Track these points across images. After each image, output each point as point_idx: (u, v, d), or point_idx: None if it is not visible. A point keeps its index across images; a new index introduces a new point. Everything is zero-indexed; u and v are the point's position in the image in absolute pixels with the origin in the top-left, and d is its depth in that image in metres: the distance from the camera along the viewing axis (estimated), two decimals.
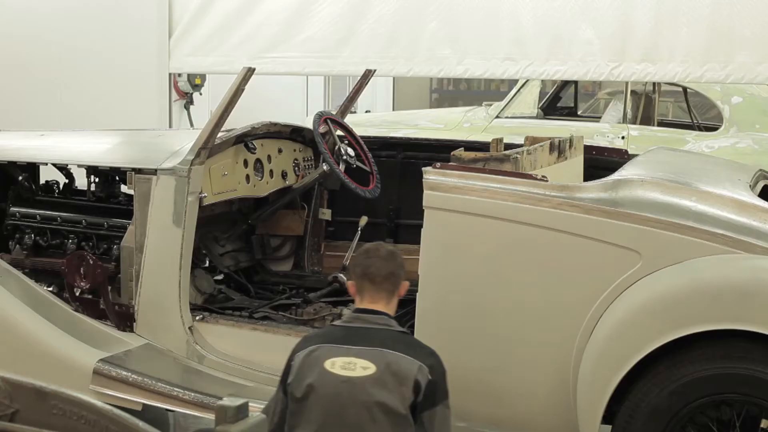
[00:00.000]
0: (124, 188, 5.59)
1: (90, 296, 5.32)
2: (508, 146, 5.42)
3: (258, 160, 5.76)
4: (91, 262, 5.22)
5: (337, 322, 3.95)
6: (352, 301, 5.62)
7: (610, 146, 7.34)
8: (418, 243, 4.45)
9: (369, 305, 3.85)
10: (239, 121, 5.65)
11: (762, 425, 3.88)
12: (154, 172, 5.07)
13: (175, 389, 4.72)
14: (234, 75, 5.13)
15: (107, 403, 2.05)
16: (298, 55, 8.44)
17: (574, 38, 7.60)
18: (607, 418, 4.05)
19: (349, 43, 8.20)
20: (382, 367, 3.62)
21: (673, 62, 7.41)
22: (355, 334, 3.76)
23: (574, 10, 7.58)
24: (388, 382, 3.60)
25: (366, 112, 13.88)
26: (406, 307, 5.38)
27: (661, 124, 9.95)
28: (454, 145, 5.82)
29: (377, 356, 3.65)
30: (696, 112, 10.32)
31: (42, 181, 5.98)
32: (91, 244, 5.48)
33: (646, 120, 9.60)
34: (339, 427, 3.60)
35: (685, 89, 9.86)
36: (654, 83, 9.61)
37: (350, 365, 3.64)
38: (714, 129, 9.32)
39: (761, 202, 4.28)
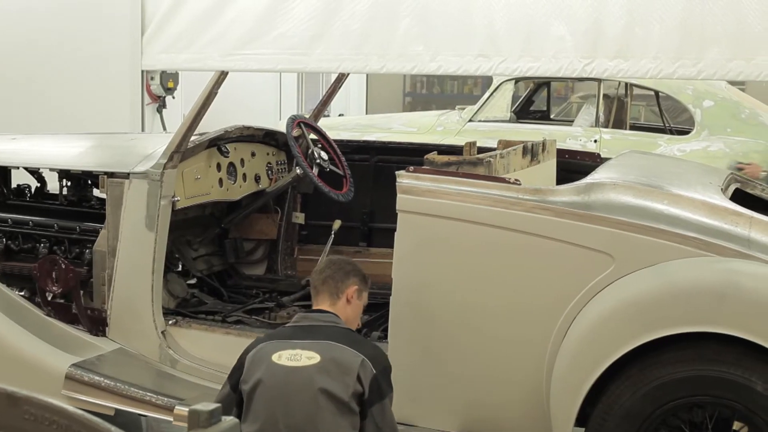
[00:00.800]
0: (96, 192, 5.57)
1: (62, 301, 5.30)
2: (482, 150, 5.42)
3: (231, 164, 5.75)
4: (63, 267, 5.20)
5: (288, 323, 4.13)
6: None
7: (582, 150, 7.36)
8: (392, 247, 4.46)
9: (315, 307, 4.09)
10: (212, 124, 5.64)
11: (734, 427, 3.90)
12: (127, 175, 5.06)
13: (148, 394, 4.70)
14: (206, 72, 5.12)
15: (80, 408, 2.03)
16: (270, 52, 8.42)
17: (546, 35, 7.61)
18: (580, 421, 4.06)
19: (322, 40, 8.18)
20: (327, 357, 3.79)
21: (646, 59, 7.42)
22: (301, 330, 3.96)
23: (547, 7, 7.59)
24: (331, 371, 3.77)
25: (339, 115, 13.87)
26: (380, 311, 5.40)
27: (634, 127, 9.99)
28: (427, 148, 5.82)
29: (323, 347, 3.82)
30: (668, 116, 10.37)
31: (14, 184, 5.94)
32: (63, 248, 5.45)
33: (619, 123, 9.64)
34: (285, 415, 3.75)
35: (657, 93, 9.91)
36: (626, 87, 9.66)
37: (296, 356, 3.82)
38: (686, 132, 9.37)
39: (733, 205, 4.30)
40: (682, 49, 7.33)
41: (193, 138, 5.19)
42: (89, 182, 5.64)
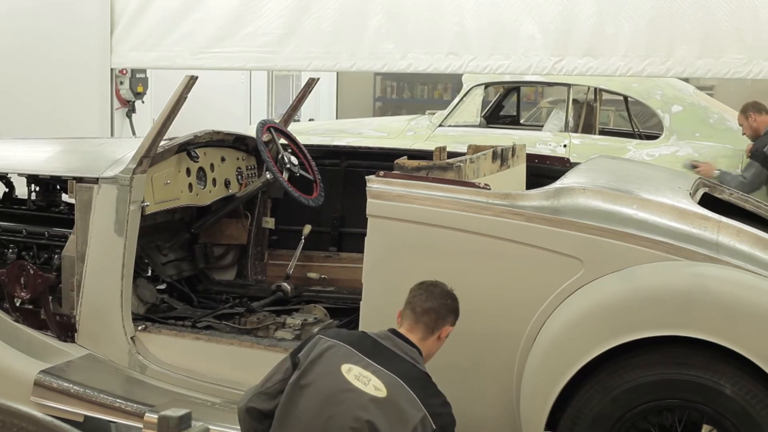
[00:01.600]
0: (65, 197, 5.54)
1: (30, 306, 5.27)
2: (451, 155, 5.43)
3: (201, 169, 5.73)
4: (32, 272, 5.17)
5: (370, 333, 3.85)
6: (297, 310, 5.66)
7: (552, 155, 7.39)
8: (362, 251, 4.46)
9: (405, 333, 3.84)
10: (182, 129, 5.63)
11: (703, 430, 3.93)
12: (96, 180, 5.03)
13: (117, 400, 4.68)
14: (176, 77, 5.10)
15: (48, 415, 2.02)
16: (241, 50, 8.42)
17: (517, 33, 7.65)
18: (550, 425, 4.07)
19: (292, 38, 8.18)
20: (393, 397, 3.56)
21: (615, 57, 7.48)
22: (381, 352, 3.72)
23: (517, 5, 7.63)
24: (390, 413, 3.55)
25: (309, 120, 13.86)
26: (350, 315, 5.40)
27: (603, 132, 10.03)
28: (397, 153, 5.83)
29: (394, 385, 3.59)
30: (637, 121, 10.41)
31: None
32: (31, 253, 5.41)
33: (588, 128, 9.67)
34: (321, 429, 3.57)
35: (626, 98, 9.95)
36: (595, 92, 9.69)
37: (365, 379, 3.60)
38: (655, 137, 9.41)
39: (701, 210, 4.33)
40: (651, 47, 7.40)
41: (162, 143, 5.17)
42: (58, 187, 5.62)
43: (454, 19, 7.76)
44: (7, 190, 5.91)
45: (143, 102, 11.79)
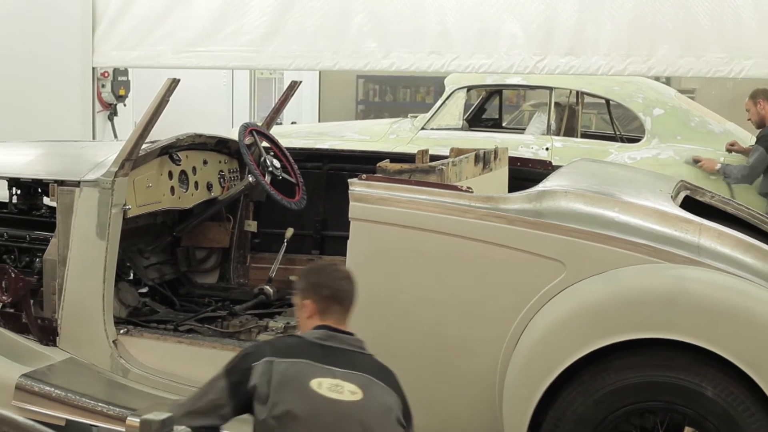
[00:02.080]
0: (46, 200, 5.52)
1: (12, 310, 5.24)
2: (434, 158, 5.44)
3: (183, 172, 5.72)
4: (13, 276, 5.15)
5: (307, 337, 3.67)
6: (279, 314, 5.65)
7: (534, 157, 7.40)
8: (345, 255, 4.45)
9: (338, 325, 3.68)
10: (164, 132, 5.61)
11: None
12: (78, 184, 5.02)
13: (99, 404, 4.67)
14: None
15: (30, 419, 2.02)
16: (223, 49, 8.41)
17: (499, 32, 7.66)
18: (532, 428, 4.07)
19: (275, 37, 8.17)
20: (369, 395, 3.51)
21: (597, 55, 7.50)
22: (333, 354, 3.60)
23: (500, 4, 7.64)
24: (374, 410, 3.50)
25: (292, 123, 13.85)
26: None
27: (585, 135, 10.04)
28: (379, 156, 5.82)
29: (364, 383, 3.52)
30: (618, 124, 10.43)
31: None
32: (12, 257, 5.40)
33: (570, 131, 9.69)
34: None
35: (607, 101, 9.96)
36: (577, 95, 9.71)
37: (338, 388, 3.50)
38: (636, 140, 9.43)
39: (682, 213, 4.35)
40: (633, 46, 7.43)
41: (144, 146, 5.16)
42: (39, 190, 5.59)
43: (436, 18, 7.76)
44: None
45: (125, 105, 11.75)
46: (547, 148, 9.29)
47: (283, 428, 3.45)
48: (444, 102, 9.92)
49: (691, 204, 5.02)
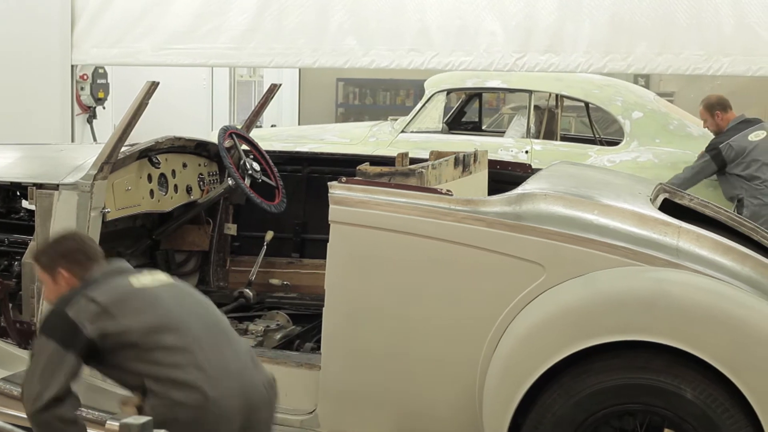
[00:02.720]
0: (25, 203, 5.50)
1: None
2: (414, 161, 5.44)
3: (162, 175, 5.71)
4: None
5: (94, 274, 3.71)
6: (259, 316, 5.65)
7: (513, 161, 7.41)
8: (325, 257, 4.45)
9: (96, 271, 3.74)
10: (143, 135, 5.60)
11: None
12: (56, 187, 5.00)
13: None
14: (138, 67, 5.08)
15: (9, 423, 2.01)
16: (203, 46, 8.39)
17: (479, 29, 7.67)
18: (512, 430, 4.08)
19: (254, 35, 8.16)
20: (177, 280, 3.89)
21: (576, 53, 7.52)
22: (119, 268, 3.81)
23: (479, 2, 7.65)
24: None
25: (272, 126, 13.81)
26: (313, 322, 5.39)
27: (564, 138, 10.05)
28: (359, 159, 5.82)
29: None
30: (598, 127, 10.46)
31: None
32: None
33: (549, 135, 9.70)
34: (198, 319, 3.67)
35: (587, 104, 9.98)
36: (557, 98, 9.73)
37: (155, 276, 3.76)
38: (615, 143, 9.45)
39: (661, 215, 4.36)
40: (612, 44, 7.46)
41: (123, 149, 5.14)
42: (18, 194, 5.57)
43: (416, 16, 7.77)
44: None
45: (104, 108, 11.73)
46: (526, 151, 9.30)
47: (147, 330, 3.53)
48: (424, 105, 9.93)
49: (669, 207, 5.04)
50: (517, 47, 7.63)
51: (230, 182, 5.76)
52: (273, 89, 6.53)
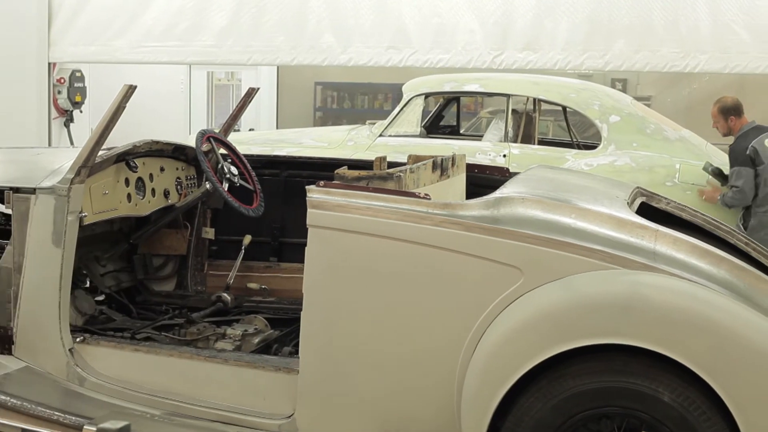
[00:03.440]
0: (1, 207, 5.48)
1: None
2: (392, 164, 5.45)
3: (140, 179, 5.69)
4: None
5: None
6: (237, 321, 5.64)
7: (491, 164, 7.43)
8: (303, 261, 4.45)
9: None
10: (121, 138, 5.59)
11: None
12: (33, 191, 4.98)
13: (56, 413, 4.63)
14: (116, 64, 5.09)
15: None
16: (181, 44, 8.38)
17: (457, 27, 7.69)
18: None
19: (232, 32, 8.16)
20: None
21: (554, 50, 7.56)
22: None
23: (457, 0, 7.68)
24: None
25: (250, 130, 13.82)
26: (291, 326, 5.39)
27: (542, 142, 10.09)
28: (337, 163, 5.83)
29: None
30: (575, 131, 10.50)
31: None
32: None
33: (527, 138, 9.72)
34: None
35: (564, 108, 10.01)
36: (534, 102, 9.76)
37: None
38: (593, 147, 9.48)
39: (639, 219, 4.37)
40: (590, 41, 7.50)
41: (101, 153, 5.13)
42: None
43: (394, 13, 7.79)
44: None
45: (81, 111, 11.68)
46: (504, 155, 9.32)
47: None
48: (402, 109, 9.93)
49: (647, 210, 5.06)
50: (495, 45, 7.66)
51: (208, 186, 5.75)
52: (251, 93, 6.52)
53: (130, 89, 4.97)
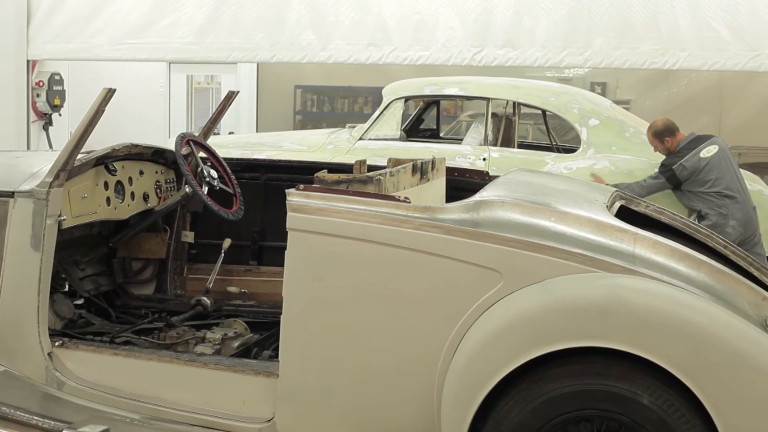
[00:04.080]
0: None
1: None
2: (372, 168, 5.44)
3: (119, 182, 5.68)
4: None
5: None
6: (217, 324, 5.63)
7: (471, 168, 7.43)
8: (282, 265, 4.44)
9: None
10: (100, 142, 5.57)
11: None
12: (12, 194, 4.96)
13: (34, 417, 4.61)
14: (95, 61, 5.08)
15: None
16: (160, 41, 8.37)
17: (437, 24, 7.70)
18: None
19: (212, 29, 8.15)
20: None
21: (534, 47, 7.57)
22: None
23: None
24: None
25: (229, 133, 13.79)
26: (271, 329, 5.38)
27: (521, 146, 10.10)
28: (317, 166, 5.83)
29: None
30: (555, 134, 10.52)
31: None
32: None
33: (507, 142, 9.75)
34: None
35: (544, 112, 10.04)
36: (514, 106, 9.78)
37: None
38: (572, 151, 9.50)
39: (618, 222, 4.38)
40: (569, 39, 7.53)
41: (79, 156, 5.12)
42: None
43: (374, 10, 7.79)
44: None
45: (60, 115, 11.66)
46: (484, 159, 9.33)
47: None
48: (382, 112, 9.94)
49: (626, 213, 5.07)
50: (474, 42, 7.67)
51: (187, 190, 5.74)
52: (230, 96, 6.51)
53: (110, 93, 4.96)
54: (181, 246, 6.34)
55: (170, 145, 6.13)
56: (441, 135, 11.80)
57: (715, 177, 8.34)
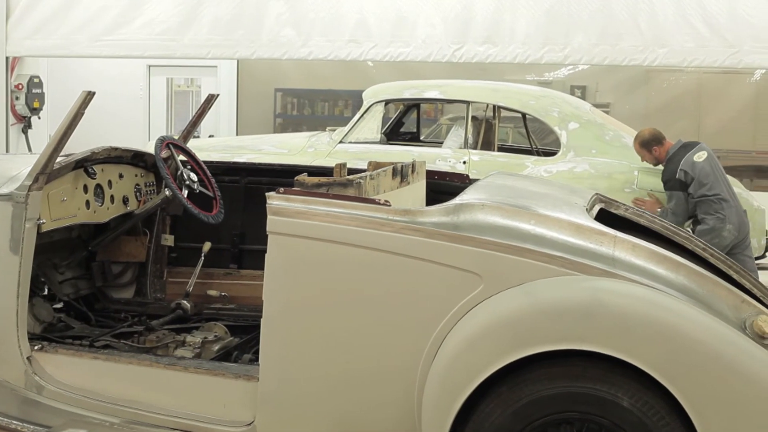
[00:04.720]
0: None
1: None
2: (352, 171, 5.44)
3: (98, 186, 5.66)
4: None
5: None
6: (197, 328, 5.62)
7: (451, 171, 7.44)
8: (263, 268, 4.44)
9: None
10: (79, 145, 5.56)
11: None
12: None
13: (13, 422, 4.60)
14: (74, 58, 5.07)
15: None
16: (139, 37, 8.34)
17: (417, 20, 7.71)
18: None
19: (191, 26, 8.12)
20: None
21: (514, 44, 7.59)
22: None
23: None
24: None
25: (209, 136, 13.77)
26: (251, 333, 5.37)
27: (502, 149, 10.11)
28: (297, 170, 5.82)
29: None
30: (535, 138, 10.54)
31: None
32: None
33: (487, 145, 9.76)
34: None
35: (524, 115, 10.05)
36: (494, 109, 9.79)
37: None
38: (552, 154, 9.53)
39: (598, 225, 4.39)
40: (550, 35, 7.54)
41: (59, 159, 5.10)
42: None
43: (354, 7, 7.79)
44: None
45: (39, 117, 11.62)
46: (464, 162, 9.35)
47: None
48: (362, 115, 9.94)
49: (605, 216, 5.09)
50: (455, 38, 7.69)
51: (167, 193, 5.73)
52: (211, 99, 6.50)
53: (89, 95, 4.94)
54: (160, 249, 6.32)
55: (150, 148, 6.12)
56: (421, 138, 11.82)
57: (711, 181, 8.37)
